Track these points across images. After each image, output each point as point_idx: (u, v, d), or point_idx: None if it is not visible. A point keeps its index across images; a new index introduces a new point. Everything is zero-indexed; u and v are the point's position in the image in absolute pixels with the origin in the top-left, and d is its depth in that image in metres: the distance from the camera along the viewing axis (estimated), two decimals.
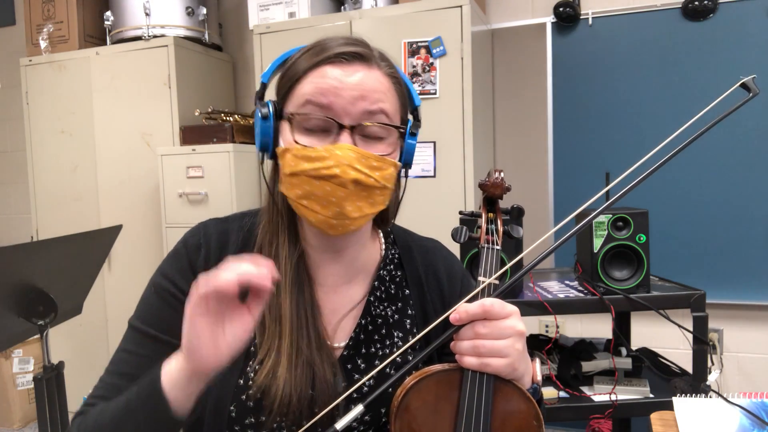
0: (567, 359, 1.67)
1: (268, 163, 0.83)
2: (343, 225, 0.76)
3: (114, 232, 1.94)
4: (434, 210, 2.39)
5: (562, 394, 1.57)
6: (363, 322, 0.85)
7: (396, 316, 0.87)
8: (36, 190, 3.18)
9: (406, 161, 0.82)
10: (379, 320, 0.86)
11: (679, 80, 2.55)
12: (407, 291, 0.89)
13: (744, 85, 0.74)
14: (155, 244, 2.88)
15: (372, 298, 0.87)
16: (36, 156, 3.16)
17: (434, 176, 2.44)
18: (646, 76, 2.58)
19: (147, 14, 2.88)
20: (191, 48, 2.98)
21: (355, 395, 0.78)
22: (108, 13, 2.99)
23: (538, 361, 0.78)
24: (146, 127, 2.91)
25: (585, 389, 1.60)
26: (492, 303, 0.69)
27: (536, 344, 1.77)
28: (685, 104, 2.54)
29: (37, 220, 3.18)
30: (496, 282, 0.74)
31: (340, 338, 0.84)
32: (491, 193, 0.81)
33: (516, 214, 0.82)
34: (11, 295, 1.56)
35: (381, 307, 0.87)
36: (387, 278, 0.89)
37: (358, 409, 0.69)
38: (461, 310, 0.69)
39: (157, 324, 0.80)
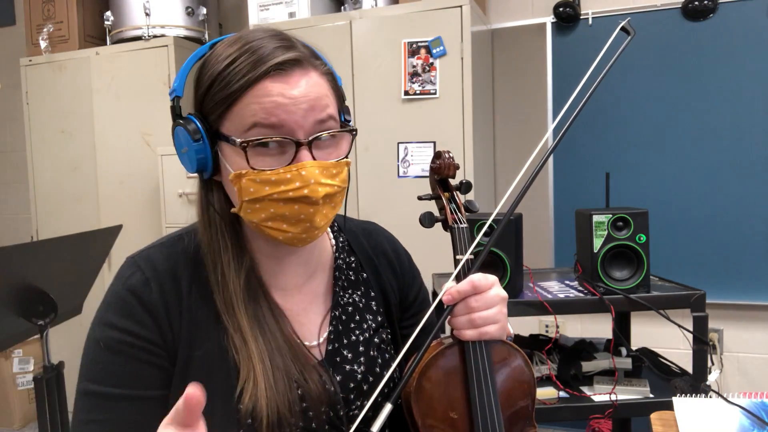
0: (567, 359, 1.67)
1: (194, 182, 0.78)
2: (312, 236, 0.75)
3: (114, 232, 1.94)
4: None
5: (562, 394, 1.57)
6: (336, 313, 0.85)
7: (363, 300, 0.89)
8: (36, 190, 3.18)
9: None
10: (350, 308, 0.87)
11: (679, 80, 2.55)
12: (364, 274, 0.91)
13: (623, 29, 0.83)
14: None
15: (337, 288, 0.87)
16: (36, 156, 3.16)
17: None
18: (646, 76, 2.58)
19: (147, 14, 2.88)
20: (191, 48, 2.98)
21: (352, 385, 0.81)
22: (108, 13, 2.99)
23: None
24: (146, 127, 2.91)
25: (585, 389, 1.60)
26: (478, 278, 0.76)
27: (536, 344, 1.77)
28: (685, 104, 2.54)
29: (37, 220, 3.18)
30: (472, 257, 0.79)
31: (314, 337, 0.83)
32: (445, 174, 0.86)
33: (466, 189, 0.86)
34: (11, 295, 1.56)
35: (347, 294, 0.88)
36: (344, 266, 0.90)
37: (388, 408, 0.70)
38: (452, 290, 0.76)
39: (119, 381, 0.72)
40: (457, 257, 0.79)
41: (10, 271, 1.54)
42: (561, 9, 2.65)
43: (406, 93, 2.46)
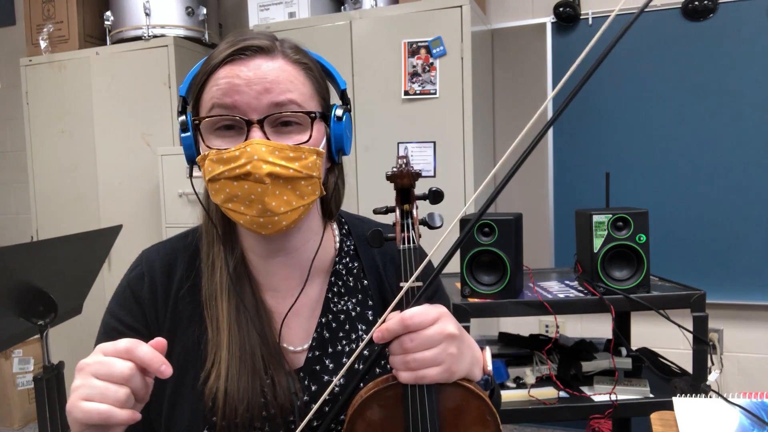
0: (567, 359, 1.67)
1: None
2: (273, 222, 0.73)
3: (114, 232, 1.94)
4: (434, 210, 2.38)
5: (562, 394, 1.57)
6: (324, 320, 0.83)
7: (358, 308, 0.85)
8: (36, 190, 3.18)
9: (339, 146, 0.79)
10: (341, 316, 0.84)
11: (679, 80, 2.55)
12: (365, 281, 0.88)
13: None
14: None
15: (330, 295, 0.85)
16: (36, 156, 3.16)
17: (434, 176, 2.44)
18: (646, 76, 2.58)
19: (147, 14, 2.88)
20: (191, 48, 2.98)
21: (329, 397, 0.77)
22: (108, 13, 2.99)
23: (488, 350, 0.75)
24: (146, 127, 2.91)
25: (585, 389, 1.59)
26: (411, 314, 0.65)
27: (536, 344, 1.77)
28: (685, 104, 2.54)
29: (37, 220, 3.18)
30: (419, 284, 0.68)
31: (302, 341, 0.82)
32: (400, 184, 0.72)
33: (434, 199, 0.72)
34: (11, 295, 1.56)
35: (341, 302, 0.85)
36: (344, 271, 0.87)
37: None
38: (382, 328, 0.65)
39: None
40: (401, 284, 0.67)
41: (10, 271, 1.54)
42: (561, 9, 2.65)
43: (406, 93, 2.46)
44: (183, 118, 0.76)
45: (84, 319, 1.84)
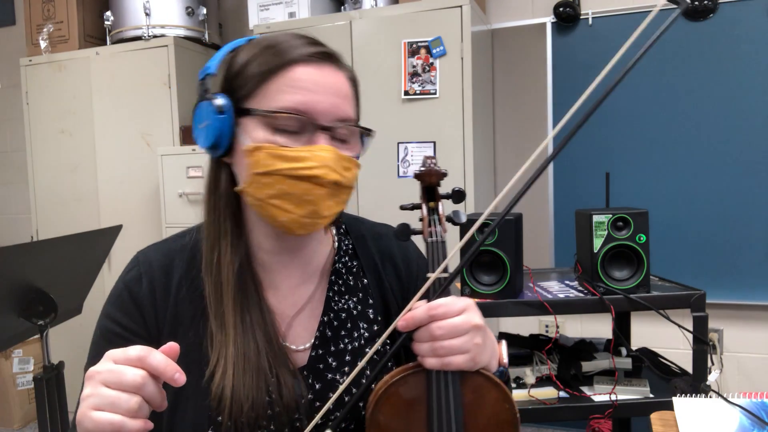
0: (567, 359, 1.67)
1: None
2: (314, 224, 0.75)
3: (114, 232, 1.94)
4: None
5: (562, 394, 1.57)
6: (326, 319, 0.84)
7: (359, 307, 0.86)
8: (36, 190, 3.18)
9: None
10: (343, 314, 0.85)
11: (679, 80, 2.55)
12: (365, 280, 0.88)
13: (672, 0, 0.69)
14: None
15: (331, 294, 0.85)
16: (36, 156, 3.16)
17: None
18: (645, 76, 2.58)
19: (147, 14, 2.88)
20: (191, 48, 2.98)
21: (332, 395, 0.77)
22: (108, 13, 2.99)
23: (504, 343, 0.77)
24: (146, 127, 2.91)
25: (585, 389, 1.59)
26: (438, 304, 0.68)
27: (536, 344, 1.77)
28: (685, 104, 2.54)
29: (37, 220, 3.18)
30: (445, 275, 0.71)
31: (305, 339, 0.83)
32: (428, 182, 0.78)
33: (457, 198, 0.78)
34: (11, 295, 1.56)
35: (342, 300, 0.86)
36: (343, 270, 0.88)
37: None
38: (408, 317, 0.68)
39: None
40: (427, 275, 0.71)
41: (10, 271, 1.54)
42: (561, 9, 2.65)
43: (406, 93, 2.46)
44: (221, 101, 0.74)
45: (84, 319, 1.83)
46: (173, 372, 0.59)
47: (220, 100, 0.75)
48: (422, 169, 0.78)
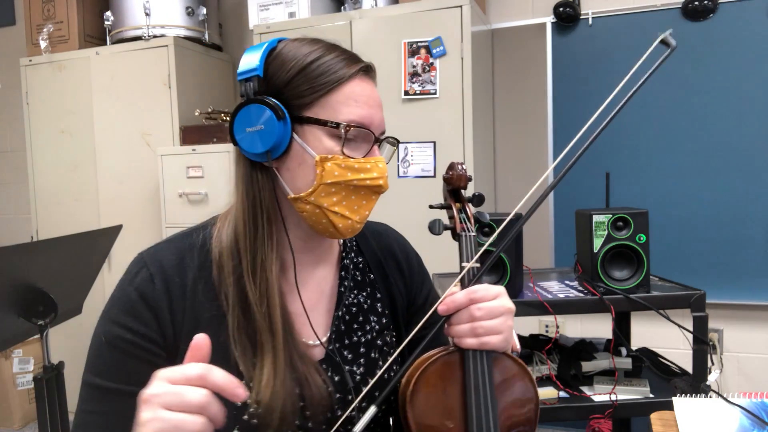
0: (567, 359, 1.67)
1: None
2: (358, 228, 0.81)
3: (114, 232, 1.94)
4: (434, 210, 2.38)
5: (562, 394, 1.57)
6: (340, 313, 0.86)
7: (368, 301, 0.90)
8: (36, 190, 3.18)
9: None
10: (354, 308, 0.88)
11: (678, 80, 2.55)
12: (371, 275, 0.92)
13: (663, 42, 0.82)
14: None
15: (342, 289, 0.88)
16: (36, 156, 3.16)
17: (434, 176, 2.44)
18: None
19: (147, 14, 2.88)
20: (191, 48, 2.98)
21: (350, 386, 0.82)
22: (108, 13, 2.99)
23: (514, 332, 0.84)
24: (146, 127, 2.91)
25: (585, 389, 1.59)
26: (476, 289, 0.75)
27: (536, 344, 1.77)
28: (685, 104, 2.54)
29: (37, 220, 3.18)
30: (477, 265, 0.78)
31: (319, 333, 0.84)
32: (457, 185, 0.88)
33: (478, 201, 0.88)
34: (11, 295, 1.56)
35: (352, 295, 0.88)
36: (351, 266, 0.91)
37: (372, 410, 0.71)
38: (448, 300, 0.74)
39: (117, 376, 0.74)
40: (463, 264, 0.79)
41: (10, 271, 1.54)
42: (561, 9, 2.65)
43: (406, 93, 2.46)
44: (280, 107, 0.74)
45: (84, 319, 1.83)
46: (235, 386, 0.58)
47: (276, 105, 0.74)
48: (451, 173, 0.87)
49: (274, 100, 0.75)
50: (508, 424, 0.77)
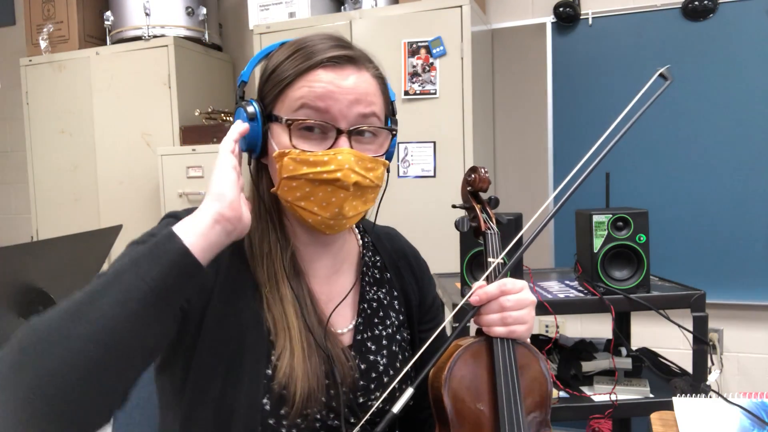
0: (567, 359, 1.67)
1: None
2: (340, 224, 0.80)
3: (114, 232, 1.94)
4: (434, 210, 2.39)
5: (562, 394, 1.57)
6: (363, 306, 0.90)
7: (387, 298, 0.93)
8: (36, 190, 3.18)
9: (388, 158, 0.86)
10: (374, 303, 0.91)
11: (678, 80, 2.54)
12: (388, 274, 0.96)
13: (661, 75, 0.89)
14: None
15: (364, 284, 0.92)
16: (36, 156, 3.16)
17: (434, 176, 2.44)
18: (646, 76, 2.57)
19: (147, 14, 2.88)
20: (191, 48, 2.98)
21: (374, 375, 0.85)
22: (108, 13, 2.99)
23: None
24: (146, 127, 2.91)
25: (585, 389, 1.60)
26: (505, 282, 0.80)
27: (536, 344, 1.77)
28: (684, 104, 2.54)
29: (37, 220, 3.18)
30: (503, 260, 0.85)
31: (341, 325, 0.87)
32: (479, 188, 0.93)
33: (494, 204, 0.93)
34: (11, 295, 1.56)
35: (372, 291, 0.92)
36: (370, 264, 0.95)
37: (409, 391, 0.75)
38: (481, 292, 0.79)
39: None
40: (489, 260, 0.85)
41: (10, 271, 1.54)
42: (561, 9, 2.65)
43: (406, 93, 2.46)
44: (253, 108, 0.79)
45: None
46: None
47: (251, 107, 0.79)
48: (474, 176, 0.92)
49: (253, 102, 0.80)
50: (529, 404, 0.84)
